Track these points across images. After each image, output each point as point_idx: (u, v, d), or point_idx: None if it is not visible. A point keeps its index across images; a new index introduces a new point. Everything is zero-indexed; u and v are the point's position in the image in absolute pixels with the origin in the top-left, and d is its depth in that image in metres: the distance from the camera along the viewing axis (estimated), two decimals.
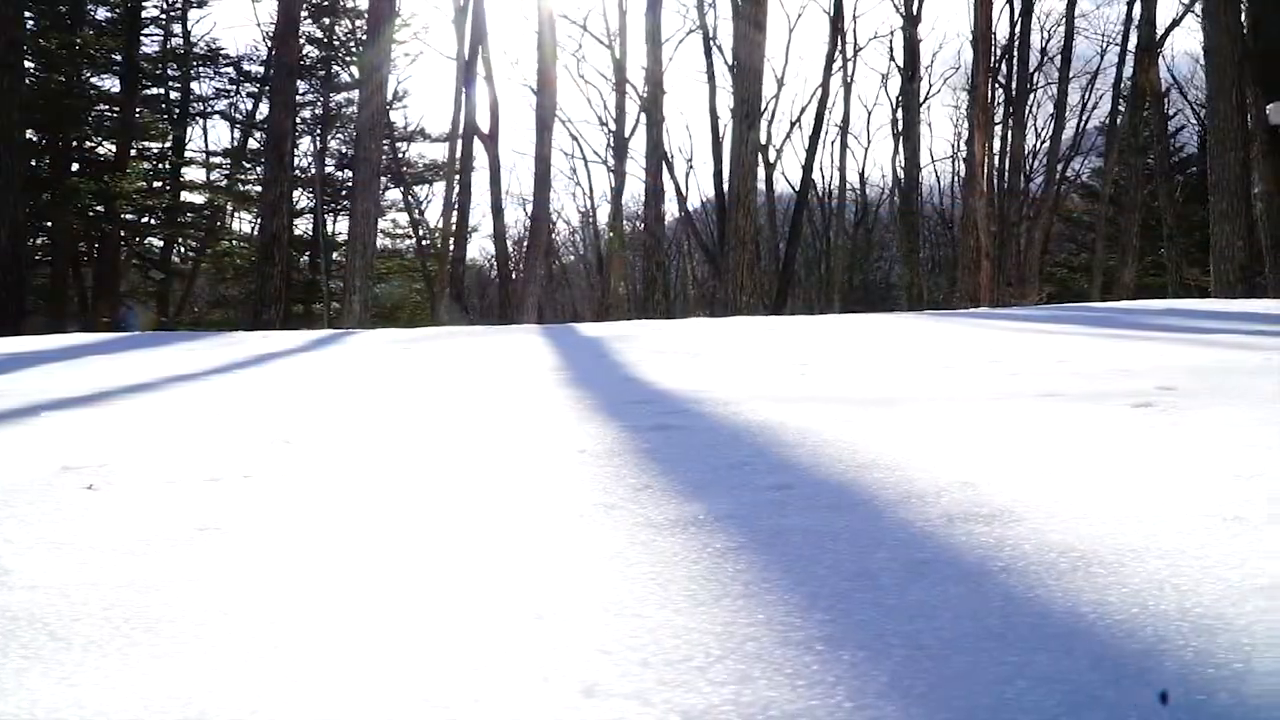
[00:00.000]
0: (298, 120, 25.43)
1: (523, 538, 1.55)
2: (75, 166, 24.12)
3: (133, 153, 24.71)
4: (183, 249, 27.74)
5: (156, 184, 25.52)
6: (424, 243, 27.95)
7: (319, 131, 26.92)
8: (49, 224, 23.15)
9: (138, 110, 24.58)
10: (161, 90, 26.78)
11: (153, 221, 25.49)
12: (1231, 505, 1.55)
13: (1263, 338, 5.67)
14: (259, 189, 22.16)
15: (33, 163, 22.37)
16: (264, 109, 24.26)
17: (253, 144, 27.18)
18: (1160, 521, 1.46)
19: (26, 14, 21.71)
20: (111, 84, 24.44)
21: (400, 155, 28.01)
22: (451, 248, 21.95)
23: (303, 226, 26.85)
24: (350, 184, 20.90)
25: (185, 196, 26.34)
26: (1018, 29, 27.16)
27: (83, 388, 4.48)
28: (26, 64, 21.77)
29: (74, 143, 23.87)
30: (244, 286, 24.20)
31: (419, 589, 1.32)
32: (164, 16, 26.04)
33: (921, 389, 3.49)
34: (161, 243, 26.92)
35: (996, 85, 28.76)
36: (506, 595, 1.26)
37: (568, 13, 46.88)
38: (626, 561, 1.37)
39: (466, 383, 4.33)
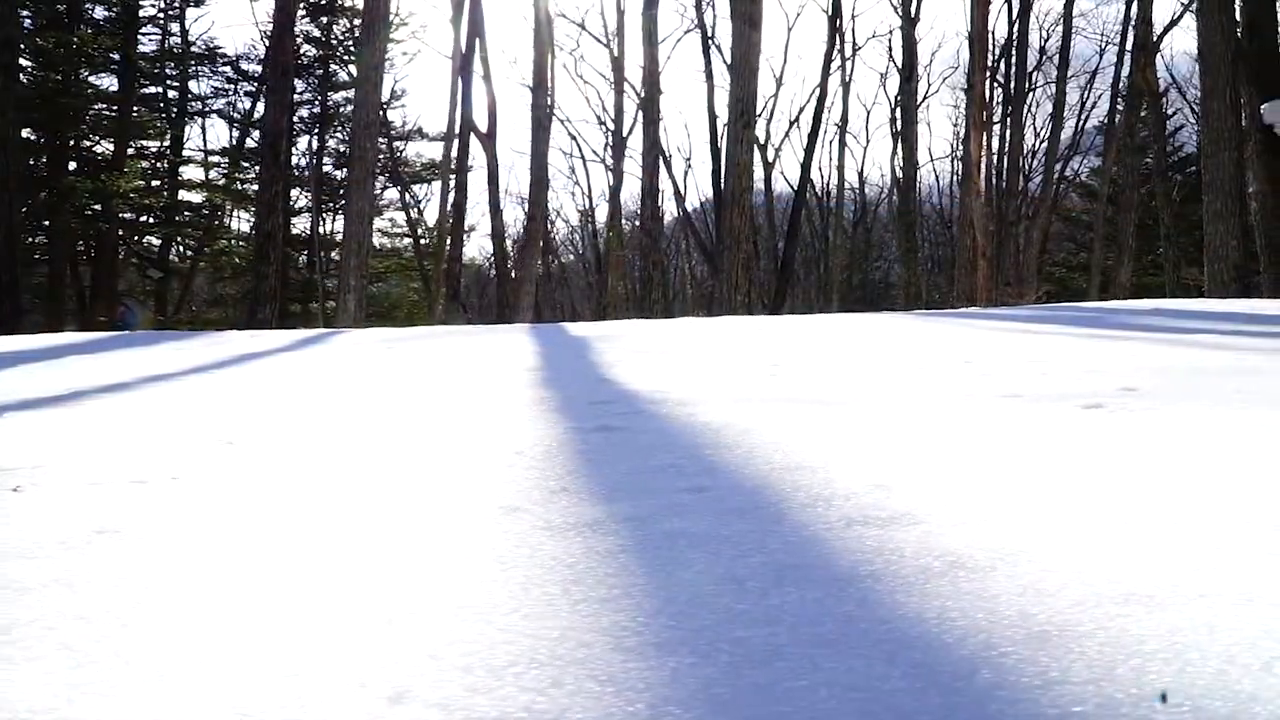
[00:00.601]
0: (295, 119, 25.45)
1: (416, 541, 1.53)
2: (73, 165, 24.14)
3: (130, 151, 24.73)
4: (181, 248, 27.78)
5: (154, 183, 25.53)
6: (422, 242, 27.97)
7: (316, 130, 26.92)
8: (46, 223, 23.17)
9: (135, 109, 24.58)
10: (159, 89, 26.79)
11: (151, 220, 25.51)
12: (1130, 509, 1.52)
13: (1240, 338, 5.64)
14: (256, 188, 22.14)
15: (30, 161, 22.40)
16: (262, 108, 24.25)
17: (251, 143, 27.17)
18: (1051, 525, 1.43)
19: (24, 12, 21.73)
20: (109, 83, 24.47)
21: (398, 154, 28.03)
22: (448, 246, 21.93)
23: (301, 225, 26.89)
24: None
25: (183, 195, 26.37)
26: (1016, 28, 27.12)
27: (57, 388, 4.46)
28: (24, 62, 21.79)
29: (71, 142, 23.90)
30: (242, 285, 24.21)
31: (287, 594, 1.29)
32: (162, 15, 26.07)
33: (885, 390, 3.46)
34: (159, 242, 26.96)
35: (995, 84, 28.72)
36: (369, 600, 1.24)
37: (566, 11, 46.81)
38: (505, 565, 1.35)
39: (436, 383, 4.31)
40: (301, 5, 24.83)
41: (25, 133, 21.56)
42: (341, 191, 25.06)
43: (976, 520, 1.47)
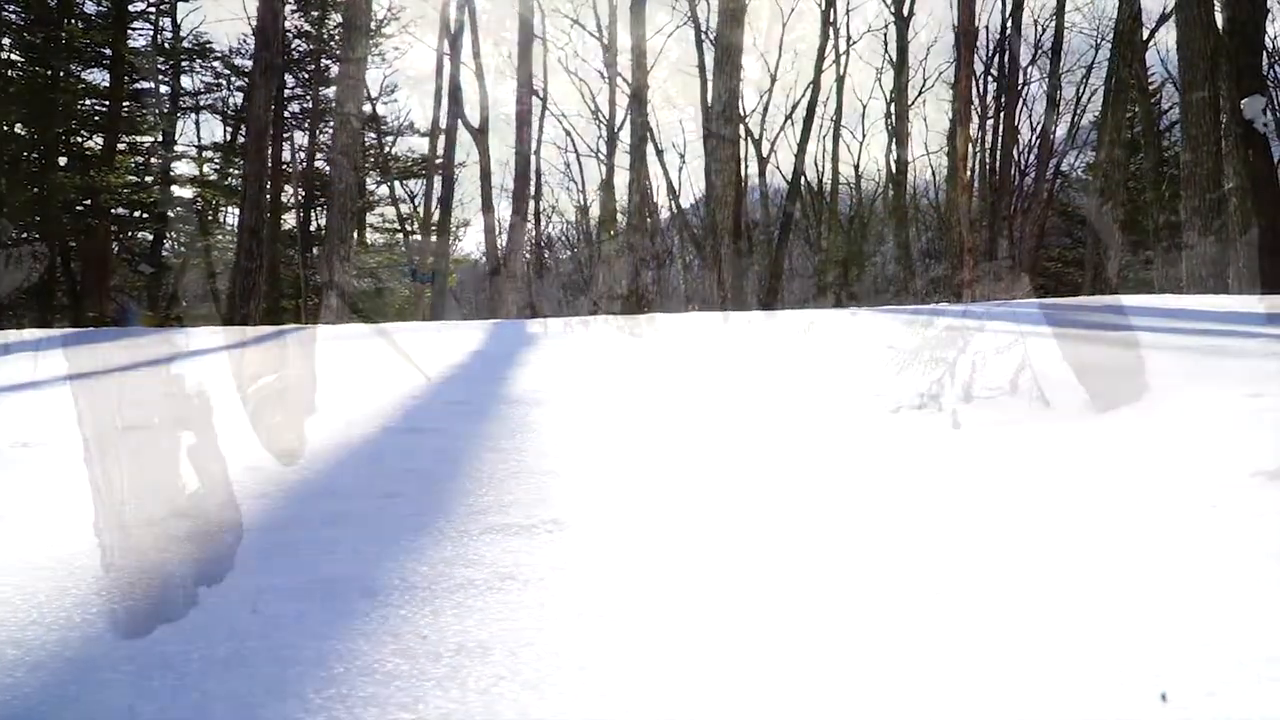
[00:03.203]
0: (286, 115, 25.45)
1: (18, 551, 1.50)
2: (63, 161, 24.13)
3: (121, 147, 24.70)
4: (175, 244, 27.77)
5: (146, 179, 25.52)
6: (413, 238, 27.98)
7: (307, 126, 26.92)
8: (37, 219, 23.17)
9: (126, 104, 24.57)
10: (150, 84, 26.76)
11: (143, 216, 25.51)
12: (754, 531, 1.49)
13: (1169, 335, 5.62)
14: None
15: (22, 156, 22.42)
16: None
17: (243, 138, 27.12)
18: (665, 538, 1.40)
19: (12, 7, 21.76)
20: (101, 78, 24.45)
21: (388, 150, 28.03)
22: (434, 240, 21.95)
23: (294, 221, 26.88)
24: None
25: (175, 191, 26.36)
26: (1010, 23, 27.00)
27: None
28: (13, 57, 21.82)
29: (62, 137, 23.89)
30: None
31: None
32: (153, 10, 26.04)
33: (758, 391, 3.45)
34: (151, 237, 26.97)
35: (989, 79, 28.60)
36: None
37: (560, 6, 46.42)
38: (70, 571, 1.33)
39: (329, 383, 4.30)
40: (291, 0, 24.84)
41: (16, 128, 21.60)
42: None
43: (608, 530, 1.44)
